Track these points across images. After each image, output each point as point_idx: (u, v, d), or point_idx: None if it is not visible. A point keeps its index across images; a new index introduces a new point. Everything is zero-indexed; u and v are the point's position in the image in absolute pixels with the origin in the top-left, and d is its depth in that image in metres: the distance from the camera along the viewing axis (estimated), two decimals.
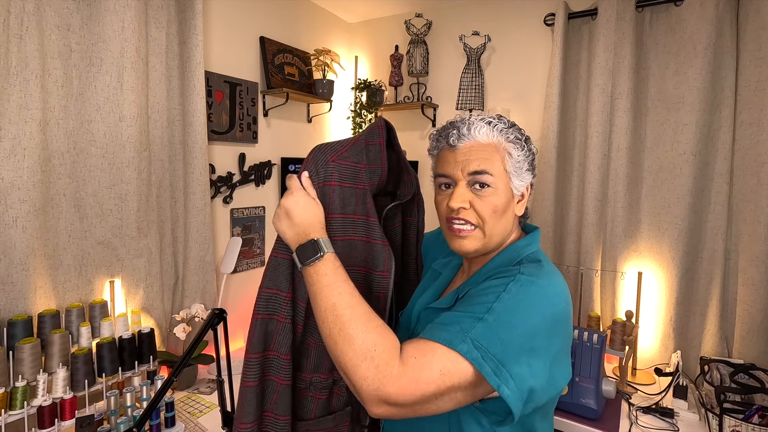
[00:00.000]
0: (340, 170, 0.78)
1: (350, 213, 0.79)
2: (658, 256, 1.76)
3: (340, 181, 0.78)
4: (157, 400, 0.91)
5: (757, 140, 1.54)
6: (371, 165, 0.80)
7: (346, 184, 0.79)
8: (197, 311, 1.62)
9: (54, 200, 1.32)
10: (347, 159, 0.79)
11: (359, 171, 0.80)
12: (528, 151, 0.73)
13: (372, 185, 0.80)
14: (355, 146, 0.81)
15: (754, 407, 1.29)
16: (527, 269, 0.66)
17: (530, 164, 0.73)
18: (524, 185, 0.74)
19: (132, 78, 1.41)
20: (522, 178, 0.72)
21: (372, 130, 0.82)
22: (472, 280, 0.73)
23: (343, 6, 2.38)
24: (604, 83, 1.79)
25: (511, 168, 0.71)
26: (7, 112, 1.18)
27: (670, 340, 1.73)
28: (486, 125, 0.71)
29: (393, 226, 0.89)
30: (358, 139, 0.82)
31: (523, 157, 0.72)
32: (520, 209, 0.75)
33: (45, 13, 1.25)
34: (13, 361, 1.16)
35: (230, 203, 1.92)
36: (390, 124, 0.84)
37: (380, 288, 0.79)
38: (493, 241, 0.73)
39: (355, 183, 0.79)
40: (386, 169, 0.80)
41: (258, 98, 2.01)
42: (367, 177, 0.80)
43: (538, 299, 0.62)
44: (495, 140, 0.71)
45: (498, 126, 0.71)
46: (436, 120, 2.37)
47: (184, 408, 1.44)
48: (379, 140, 0.81)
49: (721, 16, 1.60)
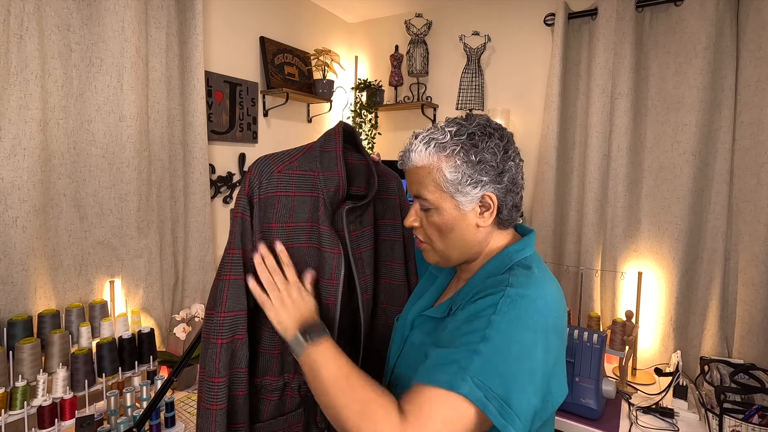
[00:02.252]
0: (288, 180, 0.79)
1: (302, 221, 0.80)
2: (658, 256, 1.76)
3: (287, 190, 0.79)
4: (157, 400, 0.91)
5: (757, 140, 1.54)
6: (326, 172, 0.80)
7: (296, 192, 0.79)
8: (197, 311, 1.62)
9: (54, 200, 1.32)
10: (297, 168, 0.80)
11: (312, 179, 0.80)
12: (473, 162, 0.66)
13: (327, 192, 0.79)
14: (307, 154, 0.82)
15: (754, 407, 1.29)
16: (517, 279, 0.63)
17: (484, 173, 0.66)
18: (472, 199, 0.68)
19: (132, 78, 1.41)
20: (467, 193, 0.67)
21: (329, 136, 0.83)
22: (464, 289, 0.71)
23: (343, 6, 2.38)
24: (604, 83, 1.79)
25: (448, 187, 0.67)
26: (7, 112, 1.18)
27: (670, 340, 1.73)
28: (422, 145, 0.68)
29: (362, 230, 0.87)
30: (311, 146, 0.83)
31: (465, 170, 0.66)
32: (484, 221, 0.69)
33: (45, 13, 1.25)
34: (13, 361, 1.16)
35: (230, 203, 1.92)
36: (350, 127, 0.84)
37: (328, 295, 0.80)
38: (453, 255, 0.72)
39: (308, 191, 0.80)
40: (344, 174, 0.79)
41: (258, 98, 2.01)
42: (322, 184, 0.80)
43: (529, 315, 0.60)
44: (427, 162, 0.68)
45: (435, 142, 0.67)
46: (436, 120, 2.37)
47: (184, 408, 1.44)
48: (334, 147, 0.81)
49: (721, 16, 1.60)
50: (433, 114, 2.37)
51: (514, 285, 0.62)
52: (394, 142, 2.53)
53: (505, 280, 0.64)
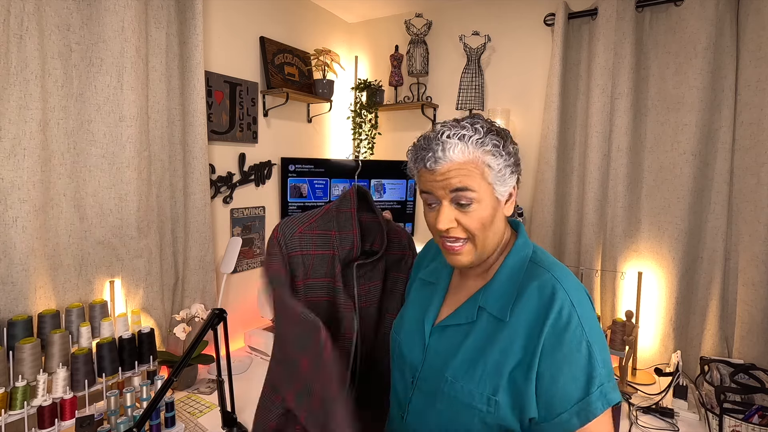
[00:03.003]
0: (309, 240, 0.86)
1: (320, 276, 0.87)
2: (658, 256, 1.76)
3: (307, 249, 0.86)
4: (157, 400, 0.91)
5: (757, 140, 1.54)
6: (342, 231, 0.88)
7: (315, 251, 0.87)
8: (197, 311, 1.62)
9: (54, 200, 1.32)
10: (317, 228, 0.88)
11: (330, 238, 0.88)
12: (508, 154, 0.71)
13: (342, 250, 0.87)
14: (325, 215, 0.90)
15: (754, 407, 1.29)
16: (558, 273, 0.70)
17: (514, 165, 0.72)
18: (508, 188, 0.73)
19: (132, 78, 1.41)
20: (505, 184, 0.71)
21: (344, 197, 0.90)
22: (491, 291, 0.73)
23: (343, 6, 2.38)
24: (604, 83, 1.79)
25: (492, 179, 0.70)
26: (7, 112, 1.18)
27: (670, 340, 1.73)
28: (459, 142, 0.68)
29: (371, 284, 0.93)
30: (329, 208, 0.90)
31: (504, 163, 0.70)
32: (509, 209, 0.75)
33: (45, 13, 1.25)
34: (13, 361, 1.16)
35: (230, 203, 1.92)
36: (363, 189, 0.91)
37: (342, 348, 0.84)
38: (488, 249, 0.73)
39: (326, 249, 0.87)
40: (358, 233, 0.87)
41: (258, 98, 2.01)
42: (338, 242, 0.87)
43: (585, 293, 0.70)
44: (471, 156, 0.69)
45: (473, 139, 0.68)
46: (436, 120, 2.37)
47: (184, 408, 1.44)
48: (350, 207, 0.88)
49: (721, 16, 1.60)
50: (433, 114, 2.37)
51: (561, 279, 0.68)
52: (394, 142, 2.53)
53: (550, 278, 0.69)
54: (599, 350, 0.64)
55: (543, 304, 0.67)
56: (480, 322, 0.72)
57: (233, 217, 1.94)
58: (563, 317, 0.65)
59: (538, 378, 0.65)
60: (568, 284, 0.68)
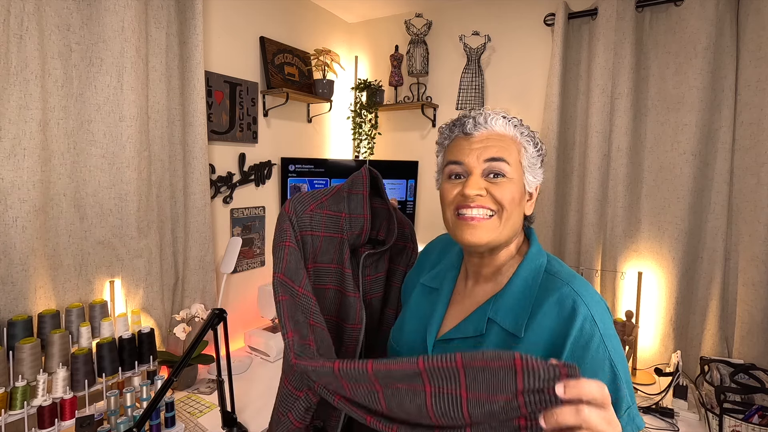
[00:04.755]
0: (318, 219, 0.79)
1: (327, 262, 0.80)
2: (658, 256, 1.76)
3: (317, 230, 0.79)
4: (157, 400, 0.91)
5: (757, 140, 1.54)
6: (353, 214, 0.81)
7: (324, 233, 0.80)
8: (197, 311, 1.62)
9: (54, 200, 1.32)
10: (327, 208, 0.81)
11: (340, 220, 0.81)
12: (539, 148, 0.72)
13: (351, 234, 0.81)
14: (336, 195, 0.82)
15: (754, 407, 1.29)
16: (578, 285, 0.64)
17: (541, 162, 0.72)
18: (535, 183, 0.71)
19: (132, 78, 1.41)
20: (535, 174, 0.70)
21: (355, 179, 0.84)
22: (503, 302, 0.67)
23: (343, 6, 2.38)
24: (604, 83, 1.79)
25: (526, 162, 0.69)
26: (7, 112, 1.18)
27: (670, 340, 1.73)
28: (502, 118, 0.69)
29: (376, 275, 0.87)
30: (340, 188, 0.84)
31: (535, 153, 0.70)
32: (529, 208, 0.72)
33: (45, 13, 1.25)
34: (13, 361, 1.16)
35: (230, 203, 1.92)
36: (375, 172, 0.85)
37: (350, 340, 0.79)
38: (504, 234, 0.68)
39: (335, 232, 0.80)
40: (369, 218, 0.81)
41: (258, 98, 2.01)
42: (348, 226, 0.81)
43: (607, 308, 0.65)
44: (511, 133, 0.69)
45: (513, 120, 0.70)
46: (436, 120, 2.37)
47: (184, 408, 1.44)
48: (362, 190, 0.82)
49: (721, 16, 1.60)
50: (433, 114, 2.37)
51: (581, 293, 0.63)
52: (394, 142, 2.53)
53: (570, 291, 0.63)
54: (623, 370, 0.60)
55: (563, 321, 0.61)
56: (490, 335, 0.66)
57: (233, 217, 1.94)
58: (585, 334, 0.60)
59: None
60: (589, 298, 0.63)
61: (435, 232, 0.94)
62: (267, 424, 1.34)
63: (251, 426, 1.33)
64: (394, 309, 0.91)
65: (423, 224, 2.44)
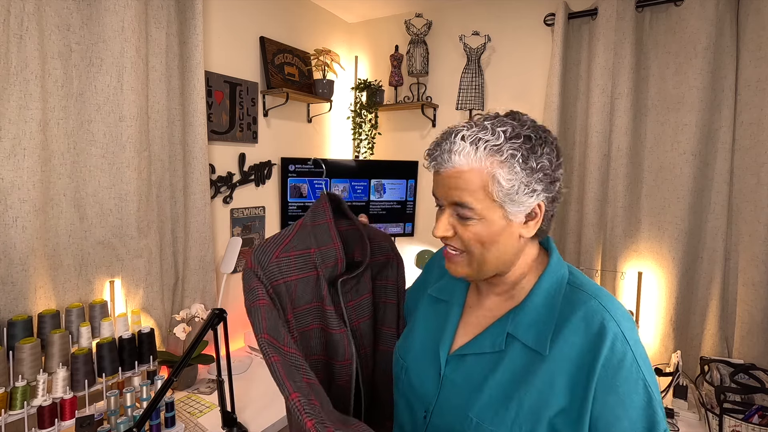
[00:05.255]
0: (287, 264, 0.74)
1: (307, 302, 0.76)
2: (658, 256, 1.76)
3: (288, 276, 0.74)
4: (157, 400, 0.91)
5: (757, 140, 1.54)
6: (322, 247, 0.76)
7: (297, 276, 0.74)
8: (197, 311, 1.62)
9: (54, 200, 1.32)
10: (293, 248, 0.75)
11: (310, 257, 0.76)
12: (530, 170, 0.59)
13: (326, 268, 0.75)
14: (300, 232, 0.77)
15: (754, 407, 1.29)
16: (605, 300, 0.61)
17: (539, 183, 0.60)
18: (527, 209, 0.61)
19: (132, 78, 1.41)
20: (520, 203, 0.60)
21: (316, 209, 0.79)
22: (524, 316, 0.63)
23: (343, 6, 2.38)
24: (604, 83, 1.79)
25: (500, 197, 0.59)
26: (7, 112, 1.18)
27: (670, 340, 1.73)
28: (470, 146, 0.59)
29: (359, 299, 0.83)
30: (302, 223, 0.78)
31: (521, 179, 0.59)
32: (529, 231, 0.64)
33: (45, 13, 1.25)
34: (13, 361, 1.16)
35: (230, 203, 1.92)
36: (334, 196, 0.81)
37: (343, 375, 0.77)
38: (488, 268, 0.64)
39: (307, 271, 0.75)
40: (340, 246, 0.76)
41: (258, 98, 2.01)
42: (320, 260, 0.76)
43: (636, 330, 0.61)
44: (478, 165, 0.59)
45: (487, 144, 0.59)
46: (436, 120, 2.37)
47: (184, 408, 1.44)
48: (325, 219, 0.77)
49: (721, 16, 1.60)
50: (433, 114, 2.37)
51: (609, 308, 0.60)
52: (394, 142, 2.53)
53: (597, 306, 0.60)
54: (656, 390, 0.57)
55: (591, 339, 0.57)
56: (511, 352, 0.62)
57: (233, 217, 1.94)
58: (617, 354, 0.56)
59: (591, 428, 0.56)
60: (617, 314, 0.59)
61: None
62: (267, 424, 1.35)
63: (251, 426, 1.33)
64: (391, 327, 0.87)
65: (423, 224, 2.44)
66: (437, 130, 2.37)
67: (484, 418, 0.60)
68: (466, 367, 0.65)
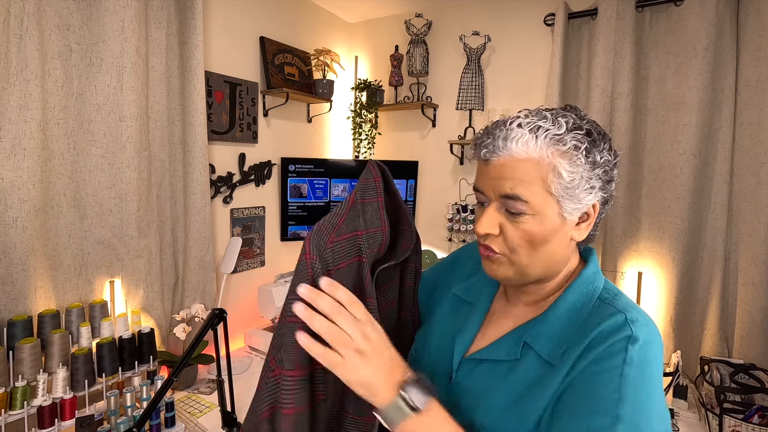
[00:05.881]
0: (339, 250, 0.64)
1: None
2: (658, 256, 1.76)
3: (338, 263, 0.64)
4: (157, 400, 0.91)
5: (757, 140, 1.54)
6: (369, 229, 0.66)
7: (345, 262, 0.64)
8: (197, 311, 1.62)
9: (54, 200, 1.32)
10: (344, 232, 0.65)
11: (356, 240, 0.65)
12: (593, 164, 0.55)
13: (371, 253, 0.66)
14: (352, 210, 0.67)
15: (754, 407, 1.29)
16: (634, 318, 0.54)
17: (599, 180, 0.56)
18: (584, 207, 0.57)
19: (132, 78, 1.41)
20: (579, 200, 0.56)
21: (367, 184, 0.69)
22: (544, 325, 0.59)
23: (343, 6, 2.38)
24: (604, 83, 1.79)
25: (558, 190, 0.55)
26: (7, 112, 1.18)
27: (670, 340, 1.73)
28: (529, 134, 0.54)
29: (390, 282, 0.76)
30: (353, 200, 0.67)
31: (583, 174, 0.55)
32: (580, 233, 0.59)
33: (45, 13, 1.25)
34: (13, 361, 1.16)
35: (230, 203, 1.92)
36: (384, 168, 0.70)
37: None
38: (534, 272, 0.59)
39: (353, 257, 0.65)
40: (388, 230, 0.67)
41: (258, 98, 2.01)
42: (366, 245, 0.65)
43: (658, 361, 0.53)
44: (538, 155, 0.54)
45: (548, 133, 0.54)
46: (436, 120, 2.37)
47: (184, 408, 1.44)
48: (376, 196, 0.68)
49: (721, 16, 1.60)
50: (433, 114, 2.37)
51: (636, 326, 0.53)
52: (394, 142, 2.53)
53: (621, 321, 0.54)
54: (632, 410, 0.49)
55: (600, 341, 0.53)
56: (525, 362, 0.58)
57: (233, 217, 1.94)
58: (613, 349, 0.51)
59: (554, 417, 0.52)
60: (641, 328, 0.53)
61: (435, 232, 0.90)
62: None
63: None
64: (407, 311, 0.81)
65: (423, 224, 2.44)
66: (437, 130, 2.37)
67: (486, 424, 0.57)
68: (478, 372, 0.62)
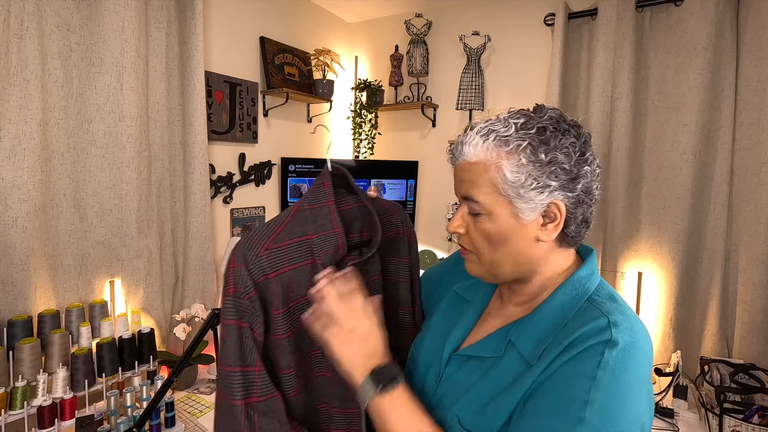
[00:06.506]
0: (279, 255, 0.66)
1: (301, 296, 0.69)
2: (658, 256, 1.76)
3: (280, 268, 0.66)
4: (157, 400, 0.91)
5: (757, 140, 1.54)
6: (321, 232, 0.67)
7: (289, 267, 0.66)
8: (197, 311, 1.62)
9: (54, 200, 1.32)
10: (286, 237, 0.67)
11: (306, 244, 0.68)
12: (539, 163, 0.55)
13: (325, 255, 0.67)
14: (296, 217, 0.69)
15: (754, 407, 1.29)
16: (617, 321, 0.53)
17: (554, 176, 0.55)
18: (538, 206, 0.56)
19: (132, 78, 1.41)
20: (529, 199, 0.55)
21: (316, 191, 0.70)
22: (529, 325, 0.60)
23: (343, 6, 2.38)
24: (604, 83, 1.79)
25: (507, 191, 0.56)
26: (7, 112, 1.18)
27: (670, 340, 1.73)
28: (479, 137, 0.57)
29: (371, 278, 0.76)
30: (298, 207, 0.70)
31: (529, 173, 0.55)
32: (548, 234, 0.58)
33: (45, 13, 1.25)
34: (13, 361, 1.16)
35: (230, 203, 1.92)
36: (341, 171, 0.71)
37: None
38: (503, 271, 0.61)
39: (303, 260, 0.67)
40: (341, 231, 0.68)
41: (258, 98, 2.01)
42: (318, 247, 0.67)
43: (641, 368, 0.51)
44: (484, 157, 0.57)
45: (494, 134, 0.56)
46: (436, 120, 2.37)
47: (184, 408, 1.44)
48: (326, 201, 0.69)
49: (721, 16, 1.60)
50: (433, 114, 2.37)
51: (617, 330, 0.51)
52: (394, 142, 2.53)
53: (603, 324, 0.52)
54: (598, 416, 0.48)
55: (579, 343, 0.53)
56: (506, 360, 0.59)
57: (233, 217, 1.94)
58: (590, 352, 0.51)
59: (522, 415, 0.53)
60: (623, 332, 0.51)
61: (435, 232, 0.91)
62: None
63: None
64: (407, 307, 0.82)
65: (423, 224, 2.44)
66: (437, 130, 2.38)
67: (464, 417, 0.58)
68: (465, 368, 0.63)
